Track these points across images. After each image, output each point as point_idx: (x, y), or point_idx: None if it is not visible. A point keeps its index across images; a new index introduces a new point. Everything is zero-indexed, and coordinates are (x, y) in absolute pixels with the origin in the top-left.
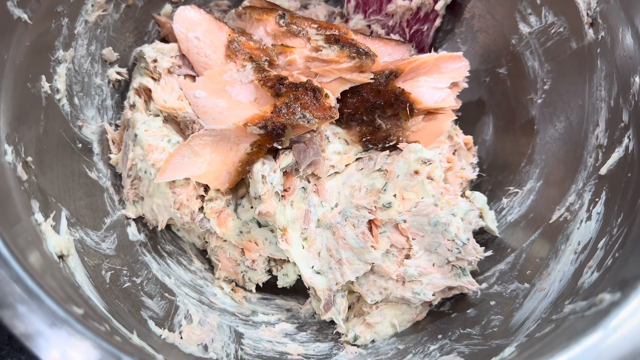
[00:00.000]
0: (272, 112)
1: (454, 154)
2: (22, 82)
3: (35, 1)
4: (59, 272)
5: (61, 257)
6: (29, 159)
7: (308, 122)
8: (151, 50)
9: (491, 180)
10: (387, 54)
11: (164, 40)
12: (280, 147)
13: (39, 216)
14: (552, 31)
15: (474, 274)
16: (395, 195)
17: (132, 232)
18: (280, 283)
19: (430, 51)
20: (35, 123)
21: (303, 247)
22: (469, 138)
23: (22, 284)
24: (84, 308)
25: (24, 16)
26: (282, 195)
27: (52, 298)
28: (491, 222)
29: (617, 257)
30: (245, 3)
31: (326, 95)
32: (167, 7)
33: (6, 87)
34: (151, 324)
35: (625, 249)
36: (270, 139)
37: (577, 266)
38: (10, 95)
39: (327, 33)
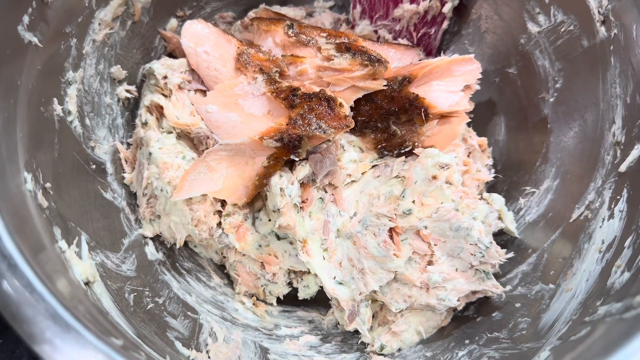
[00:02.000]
0: (287, 124)
1: (468, 156)
2: (35, 106)
3: (44, 23)
4: (87, 300)
5: (87, 283)
6: (48, 185)
7: (324, 132)
8: (161, 67)
9: (506, 180)
10: (397, 59)
11: (171, 55)
12: (297, 159)
13: (62, 243)
14: (562, 30)
15: (495, 276)
16: (414, 202)
17: (151, 251)
18: (301, 295)
19: (438, 54)
20: (50, 147)
21: (324, 258)
22: (483, 140)
23: (59, 318)
24: (122, 339)
25: (34, 39)
26: (300, 207)
27: (91, 330)
28: (510, 223)
29: None
30: (251, 14)
31: (340, 105)
32: (173, 22)
33: (21, 113)
34: (178, 345)
35: None
36: (287, 151)
37: (603, 265)
38: (26, 120)
39: (337, 41)
